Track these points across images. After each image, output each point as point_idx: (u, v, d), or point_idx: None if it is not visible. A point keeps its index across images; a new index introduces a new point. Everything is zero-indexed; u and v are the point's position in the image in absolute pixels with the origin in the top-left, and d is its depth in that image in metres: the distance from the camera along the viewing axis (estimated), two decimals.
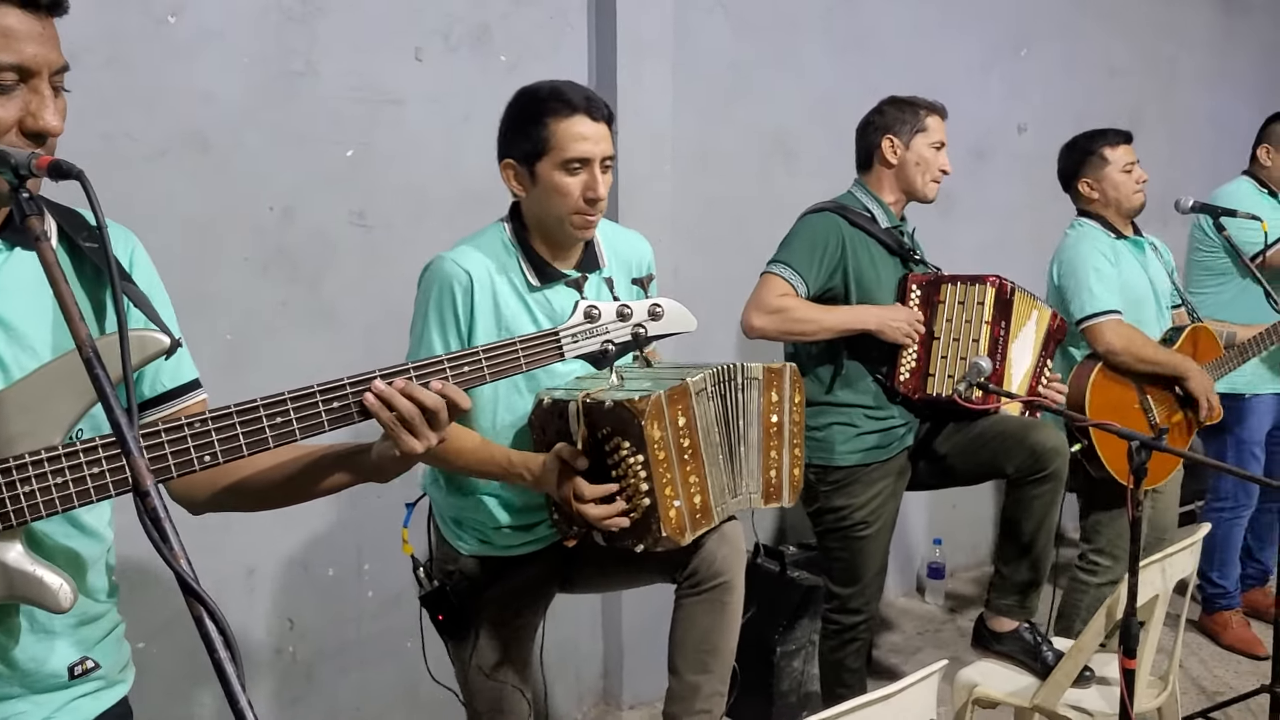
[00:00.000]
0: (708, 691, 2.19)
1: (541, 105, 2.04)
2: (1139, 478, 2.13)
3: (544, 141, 2.03)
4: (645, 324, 1.65)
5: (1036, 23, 4.82)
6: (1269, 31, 6.17)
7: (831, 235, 2.70)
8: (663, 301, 1.68)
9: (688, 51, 3.48)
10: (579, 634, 3.46)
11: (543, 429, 2.05)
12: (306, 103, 2.77)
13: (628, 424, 1.92)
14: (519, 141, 2.07)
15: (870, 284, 2.73)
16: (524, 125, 2.06)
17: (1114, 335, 3.02)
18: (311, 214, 2.80)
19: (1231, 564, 3.81)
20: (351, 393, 1.39)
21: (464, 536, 2.21)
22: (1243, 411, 3.59)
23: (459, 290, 2.04)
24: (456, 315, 2.04)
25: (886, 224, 2.79)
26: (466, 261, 2.06)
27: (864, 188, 2.85)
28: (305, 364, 2.77)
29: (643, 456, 1.93)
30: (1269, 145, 3.71)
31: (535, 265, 2.12)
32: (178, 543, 1.03)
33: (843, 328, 2.68)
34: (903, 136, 2.80)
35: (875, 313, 2.69)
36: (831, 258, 2.69)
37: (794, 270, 2.67)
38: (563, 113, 2.02)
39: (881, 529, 2.82)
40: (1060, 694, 2.43)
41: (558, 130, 2.02)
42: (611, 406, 1.92)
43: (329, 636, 2.94)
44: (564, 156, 2.02)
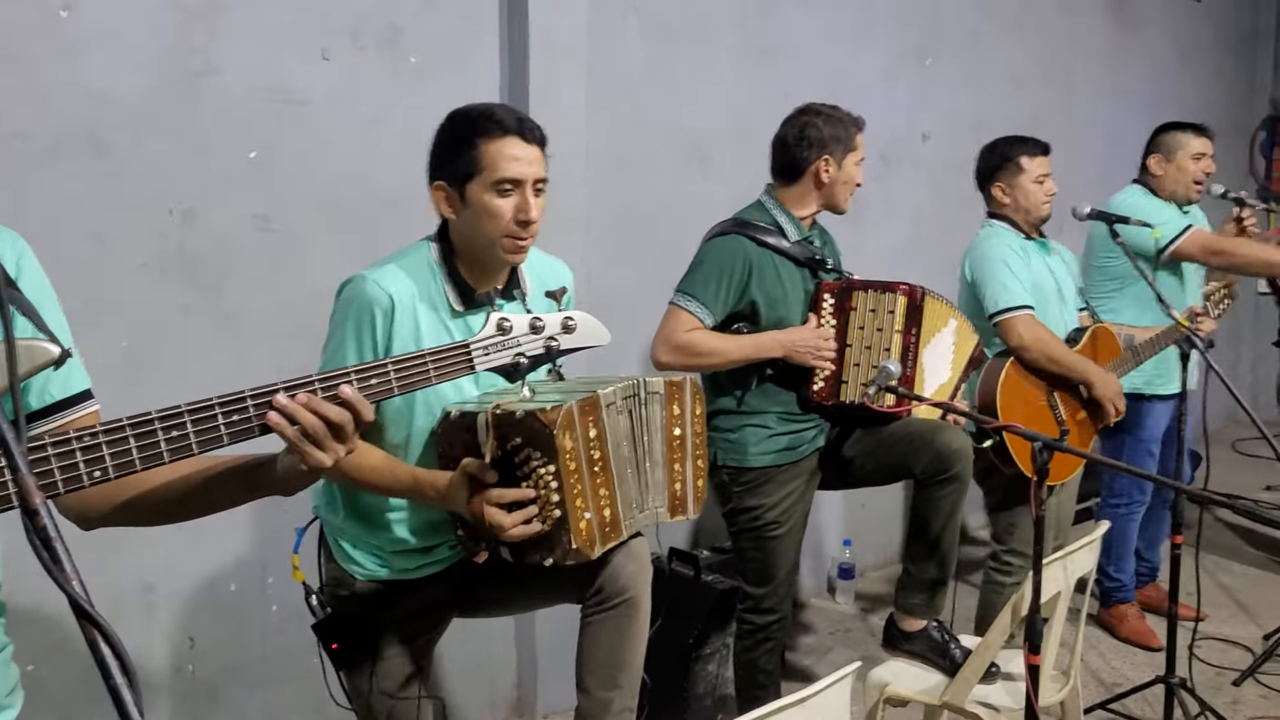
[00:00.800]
0: (618, 707, 2.18)
1: (473, 126, 2.01)
2: (1042, 478, 2.18)
3: (475, 162, 1.99)
4: (558, 337, 1.64)
5: (941, 32, 4.92)
6: (1158, 46, 6.42)
7: (737, 259, 2.70)
8: (576, 314, 1.66)
9: (601, 55, 3.47)
10: (492, 643, 3.42)
11: (449, 443, 2.01)
12: (207, 102, 2.69)
13: (539, 434, 1.90)
14: (450, 162, 2.03)
15: (778, 301, 2.74)
16: (455, 146, 2.02)
17: (1025, 330, 3.10)
18: (213, 217, 2.72)
19: (1127, 558, 3.94)
20: (253, 406, 1.35)
21: (359, 560, 2.16)
22: (1141, 412, 3.70)
23: (379, 313, 1.99)
24: (374, 338, 1.99)
25: (796, 237, 2.79)
26: (389, 283, 2.01)
27: (775, 200, 2.84)
28: (207, 373, 2.69)
29: (554, 467, 1.91)
30: (1159, 155, 3.83)
31: (459, 289, 2.08)
32: (69, 563, 0.98)
33: (749, 358, 2.70)
34: (837, 156, 2.79)
35: (780, 338, 2.71)
36: (738, 283, 2.70)
37: (700, 302, 2.67)
38: (495, 133, 1.99)
39: (793, 529, 2.85)
40: (968, 691, 2.48)
41: (489, 151, 1.99)
42: (522, 417, 1.90)
43: (232, 654, 2.85)
44: (495, 177, 1.99)
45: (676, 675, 3.26)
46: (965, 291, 3.29)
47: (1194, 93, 6.66)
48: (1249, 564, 4.75)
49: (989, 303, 3.15)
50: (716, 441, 2.81)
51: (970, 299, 3.24)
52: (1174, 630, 3.09)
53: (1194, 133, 3.77)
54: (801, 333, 2.72)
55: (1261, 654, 3.65)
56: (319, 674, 2.90)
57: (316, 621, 2.13)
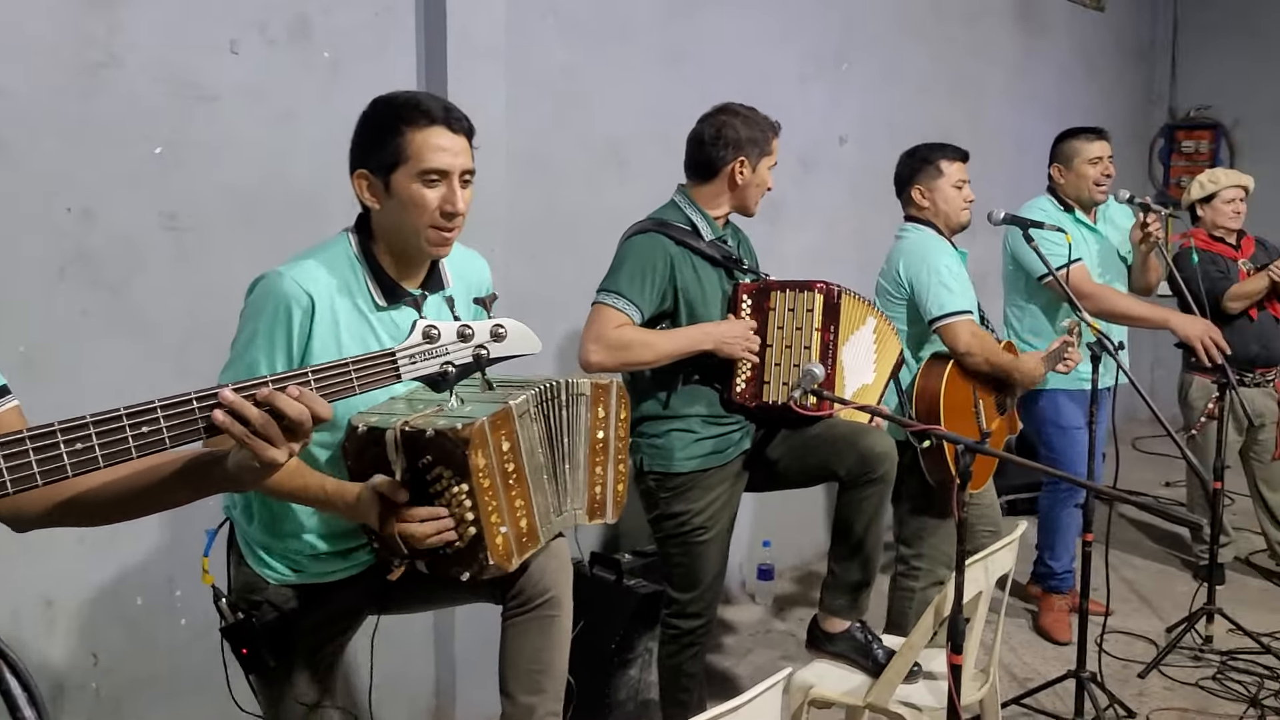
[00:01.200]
0: (542, 712, 2.14)
1: (399, 114, 1.95)
2: (965, 480, 2.21)
3: (400, 151, 1.93)
4: (487, 345, 1.60)
5: (856, 38, 4.98)
6: (1064, 54, 6.59)
7: (658, 256, 2.68)
8: (506, 322, 1.62)
9: (520, 55, 3.42)
10: (411, 652, 3.35)
11: (358, 456, 1.94)
12: (109, 96, 2.57)
13: (450, 454, 1.86)
14: (374, 151, 1.96)
15: (697, 300, 2.73)
16: (379, 135, 1.95)
17: (969, 336, 3.13)
18: (115, 216, 2.60)
19: (1062, 548, 4.01)
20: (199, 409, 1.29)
21: (272, 564, 2.09)
22: (1057, 401, 3.82)
23: (298, 313, 1.91)
24: (290, 339, 1.92)
25: (710, 236, 2.78)
26: (308, 281, 1.93)
27: (689, 199, 2.82)
28: (111, 378, 2.58)
29: (467, 486, 1.87)
30: (1059, 165, 3.94)
31: (381, 283, 2.02)
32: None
33: (681, 351, 2.67)
34: (752, 159, 2.77)
35: (710, 331, 2.69)
36: (661, 279, 2.68)
37: (626, 299, 2.63)
38: (421, 123, 1.94)
39: (719, 533, 2.84)
40: (891, 692, 2.50)
41: (415, 140, 1.93)
42: (433, 436, 1.85)
43: (138, 669, 2.73)
44: (421, 168, 1.93)
45: (598, 680, 3.23)
46: (893, 293, 3.31)
47: (1098, 101, 6.86)
48: (1150, 558, 4.89)
49: (932, 307, 3.16)
50: (642, 447, 2.78)
51: (895, 301, 3.26)
52: (1085, 625, 3.17)
53: (1088, 137, 3.88)
54: (731, 325, 2.71)
55: (1165, 647, 3.75)
56: (228, 685, 2.81)
57: (226, 625, 2.07)
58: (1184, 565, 4.78)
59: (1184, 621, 3.83)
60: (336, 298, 1.96)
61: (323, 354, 1.92)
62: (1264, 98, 7.16)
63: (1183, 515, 2.63)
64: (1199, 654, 3.73)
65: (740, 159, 2.77)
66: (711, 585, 2.87)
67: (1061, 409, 3.87)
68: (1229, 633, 3.84)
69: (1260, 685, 3.47)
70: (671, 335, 2.69)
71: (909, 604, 3.27)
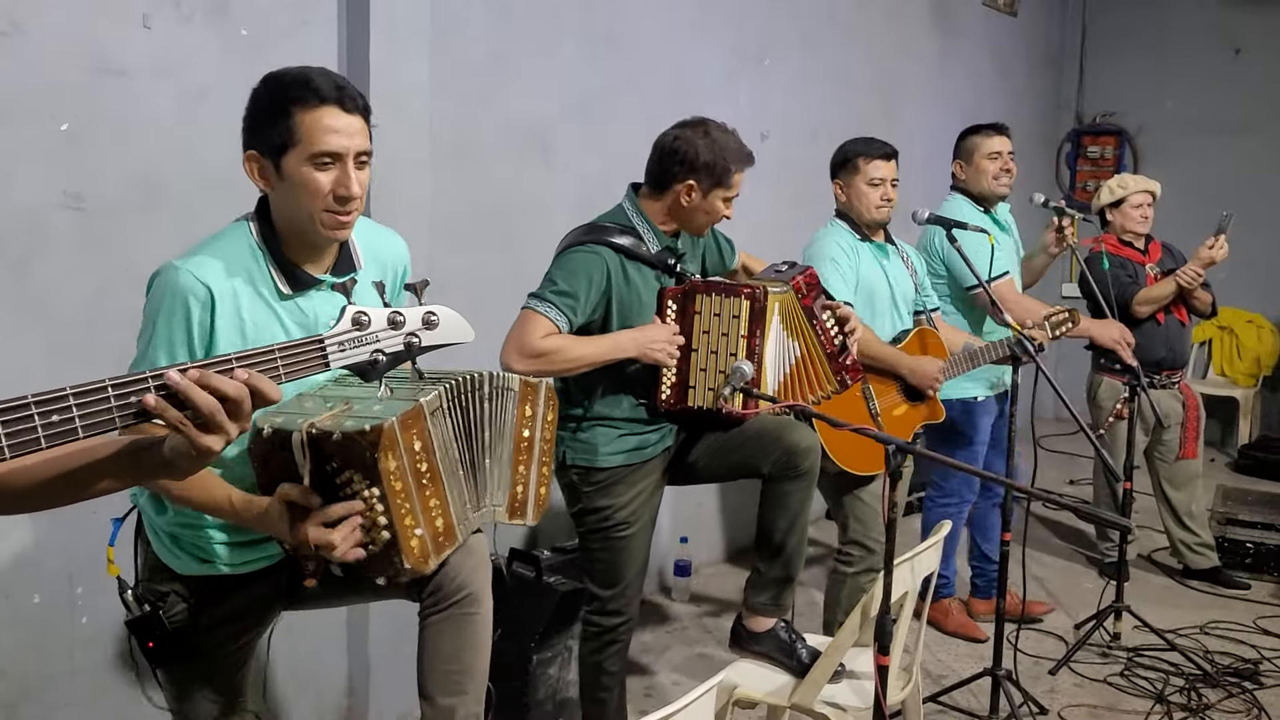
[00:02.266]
0: (463, 714, 2.09)
1: (287, 93, 1.84)
2: (895, 480, 2.20)
3: (290, 133, 1.83)
4: (419, 333, 1.54)
5: (779, 34, 4.98)
6: (977, 57, 6.70)
7: (596, 271, 2.61)
8: (439, 309, 1.57)
9: (445, 36, 3.34)
10: (321, 648, 3.25)
11: (264, 460, 1.86)
12: (11, 68, 2.43)
13: (359, 457, 1.79)
14: (263, 132, 1.86)
15: (632, 311, 2.67)
16: (269, 115, 1.85)
17: None
18: (16, 193, 2.46)
19: (952, 555, 4.07)
20: (114, 395, 1.21)
21: (180, 555, 2.01)
22: (970, 413, 3.84)
23: (196, 306, 1.83)
24: (190, 334, 1.83)
25: (656, 246, 2.72)
26: (205, 273, 1.84)
27: (637, 208, 2.74)
28: (10, 364, 2.45)
29: (378, 490, 1.81)
30: (960, 161, 3.98)
31: (285, 270, 1.93)
32: None
33: (604, 359, 2.62)
34: (703, 186, 2.66)
35: (633, 337, 2.64)
36: (596, 292, 2.61)
37: (558, 309, 2.56)
38: (311, 102, 1.83)
39: (642, 529, 2.81)
40: (817, 692, 2.49)
41: (305, 121, 1.82)
42: (340, 439, 1.79)
43: (35, 673, 2.60)
44: (312, 150, 1.83)
45: (516, 679, 3.18)
46: None
47: (1009, 104, 6.99)
48: (1057, 555, 5.02)
49: None
50: (566, 441, 2.74)
51: None
52: (1002, 624, 3.21)
53: (987, 133, 3.92)
54: (654, 330, 2.67)
55: (1074, 644, 3.84)
56: (132, 691, 2.69)
57: (131, 618, 1.98)
58: (1089, 562, 4.91)
59: (1093, 619, 3.92)
60: (238, 288, 1.88)
61: (227, 347, 1.84)
62: (1167, 105, 7.40)
63: (1110, 518, 2.67)
64: (1107, 651, 3.83)
65: (689, 183, 2.65)
66: (633, 582, 2.84)
67: (975, 419, 3.87)
68: (1135, 629, 3.94)
69: (1166, 681, 3.57)
70: (595, 342, 2.63)
71: (840, 590, 3.30)
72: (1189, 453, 4.46)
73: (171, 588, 2.01)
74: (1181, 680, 3.57)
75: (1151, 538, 4.96)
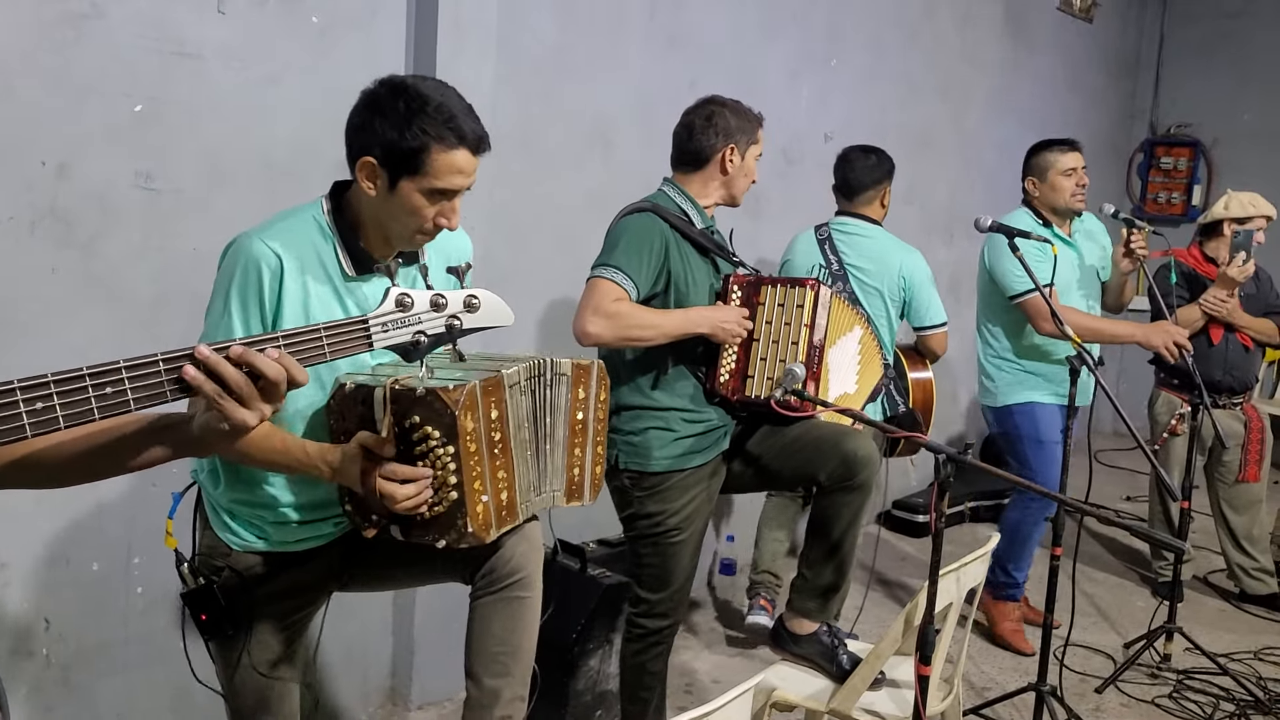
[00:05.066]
0: (508, 696, 2.11)
1: (428, 126, 1.85)
2: (944, 490, 2.18)
3: (421, 164, 1.86)
4: (460, 316, 1.57)
5: (846, 35, 4.95)
6: (1048, 65, 6.59)
7: (655, 236, 2.64)
8: (480, 293, 1.60)
9: (511, 32, 3.37)
10: (368, 631, 3.30)
11: (342, 415, 1.91)
12: (90, 48, 2.49)
13: (439, 414, 1.83)
14: (392, 149, 1.87)
15: (685, 287, 2.69)
16: (402, 137, 1.85)
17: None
18: (91, 172, 2.53)
19: (1025, 559, 4.00)
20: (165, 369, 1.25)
21: (237, 530, 2.05)
22: (1033, 415, 3.81)
23: (267, 274, 1.87)
24: (262, 300, 1.87)
25: (700, 225, 2.75)
26: (277, 243, 1.89)
27: (678, 188, 2.79)
28: (77, 338, 2.51)
29: (453, 448, 1.84)
30: (1033, 178, 3.92)
31: (353, 253, 1.97)
32: None
33: (679, 332, 2.62)
34: (741, 147, 2.76)
35: (707, 315, 2.65)
36: (657, 259, 2.63)
37: (624, 274, 2.57)
38: (449, 142, 1.86)
39: (693, 535, 2.80)
40: (856, 699, 2.48)
41: (439, 160, 1.86)
42: (423, 394, 1.82)
43: (91, 637, 2.67)
44: (434, 185, 1.88)
45: (557, 668, 3.20)
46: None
47: (1079, 113, 6.88)
48: (1110, 572, 4.93)
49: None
50: (618, 444, 2.73)
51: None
52: (1048, 638, 3.17)
53: (1061, 149, 3.85)
54: (726, 311, 2.68)
55: (1123, 662, 3.77)
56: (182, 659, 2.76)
57: (186, 590, 2.03)
58: (1142, 581, 4.82)
59: (1143, 638, 3.85)
60: (306, 264, 1.92)
61: (290, 320, 1.89)
62: (1244, 118, 7.22)
63: (1164, 539, 2.61)
64: (1156, 671, 3.75)
65: (730, 146, 2.75)
66: (682, 586, 2.84)
67: (1040, 422, 3.85)
68: (1186, 651, 3.86)
69: (1215, 706, 3.50)
70: (671, 315, 2.64)
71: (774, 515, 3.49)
72: (1250, 475, 4.34)
73: (227, 562, 2.05)
74: (1232, 706, 3.50)
75: (1209, 559, 4.86)
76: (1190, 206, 7.43)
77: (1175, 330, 3.81)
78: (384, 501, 1.84)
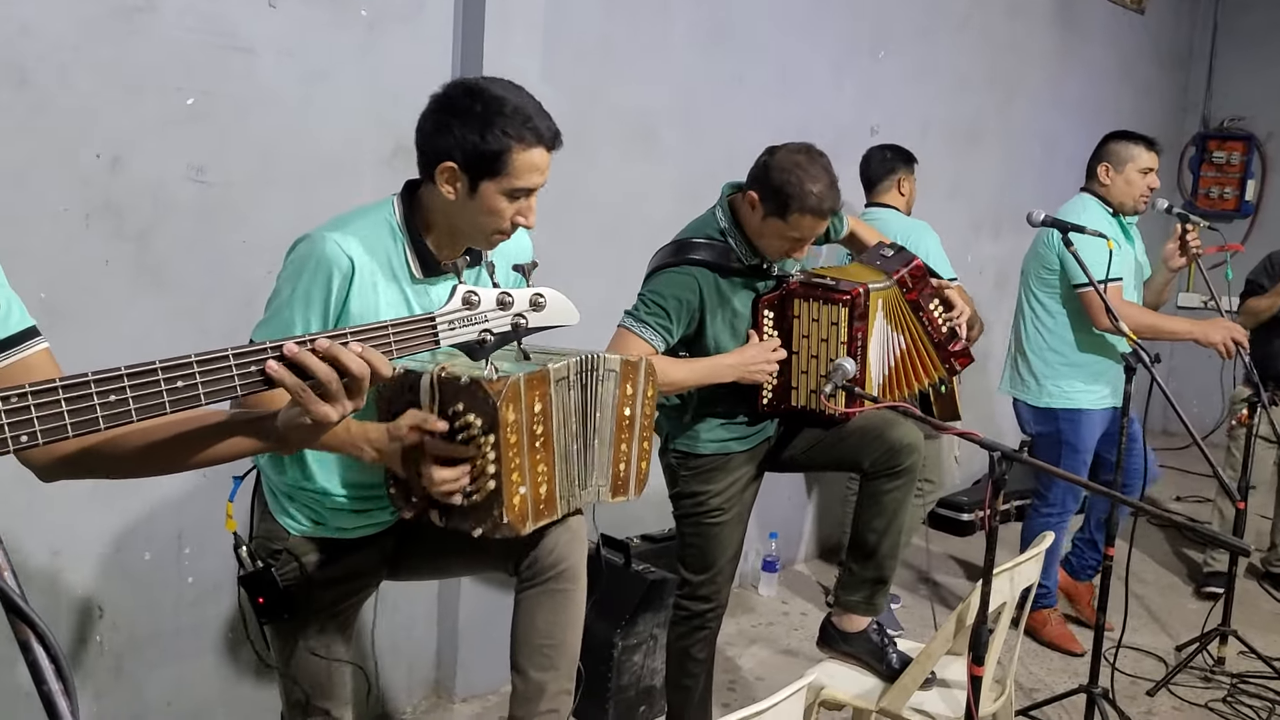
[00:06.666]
0: (554, 690, 2.11)
1: (508, 127, 1.88)
2: (998, 488, 2.15)
3: (502, 165, 1.89)
4: (526, 314, 1.57)
5: (893, 27, 4.89)
6: (1100, 56, 6.49)
7: (690, 292, 2.59)
8: (546, 291, 1.60)
9: (557, 25, 3.35)
10: (413, 624, 3.32)
11: (390, 400, 1.93)
12: (144, 42, 2.51)
13: (482, 403, 1.84)
14: (473, 153, 1.89)
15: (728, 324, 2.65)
16: (484, 139, 1.88)
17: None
18: (144, 165, 2.54)
19: (1054, 565, 3.97)
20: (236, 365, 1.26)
21: (294, 515, 2.08)
22: (1078, 423, 3.73)
23: (338, 276, 1.89)
24: (327, 302, 1.89)
25: (746, 252, 2.64)
26: (350, 246, 1.90)
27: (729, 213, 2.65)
28: (130, 329, 2.53)
29: (493, 438, 1.85)
30: (1108, 164, 3.76)
31: (421, 256, 1.99)
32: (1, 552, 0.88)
33: (701, 382, 2.63)
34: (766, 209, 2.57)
35: (730, 363, 2.62)
36: (690, 311, 2.61)
37: (653, 329, 2.56)
38: (529, 141, 1.90)
39: (735, 517, 2.80)
40: (906, 698, 2.45)
41: (519, 159, 1.90)
42: (467, 383, 1.83)
43: (143, 626, 2.70)
44: (515, 185, 1.91)
45: (601, 664, 3.20)
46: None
47: (1130, 105, 6.77)
48: (1159, 574, 4.85)
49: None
50: (665, 425, 2.76)
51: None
52: (1100, 640, 3.12)
53: (1144, 146, 3.72)
54: (752, 351, 2.65)
55: (1176, 666, 3.71)
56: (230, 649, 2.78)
57: (244, 574, 2.05)
58: (1191, 581, 4.73)
59: (1197, 640, 3.78)
60: (376, 265, 1.94)
61: (358, 319, 1.90)
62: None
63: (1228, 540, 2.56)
64: (1209, 675, 3.69)
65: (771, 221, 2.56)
66: (724, 569, 2.84)
67: (1082, 431, 3.77)
68: (1240, 655, 3.80)
69: (1271, 711, 3.44)
70: (693, 367, 2.62)
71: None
72: None
73: (284, 546, 2.08)
74: None
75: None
76: (1243, 201, 7.28)
77: (1233, 327, 3.71)
78: (424, 483, 1.85)
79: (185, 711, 2.80)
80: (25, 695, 2.39)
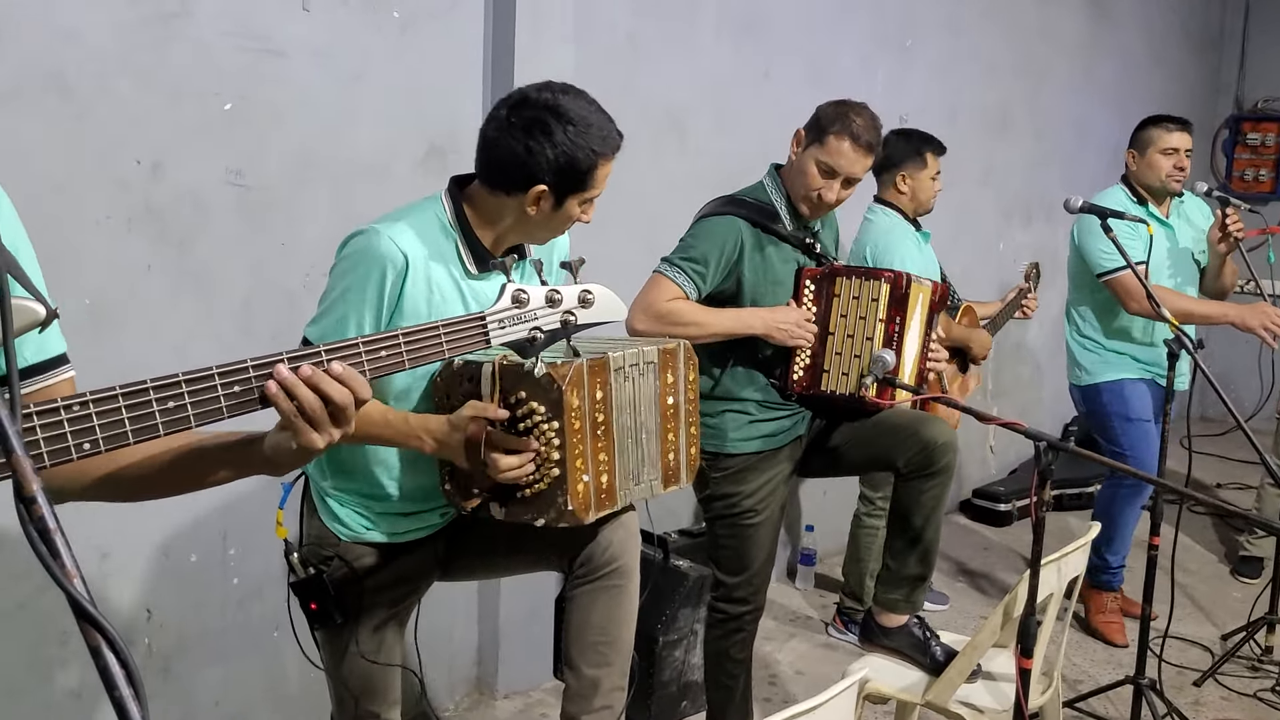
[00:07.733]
0: (608, 686, 2.11)
1: (595, 143, 1.93)
2: (1045, 478, 2.13)
3: (589, 180, 1.96)
4: (575, 311, 1.57)
5: (922, 16, 4.87)
6: (1130, 40, 6.42)
7: (729, 239, 2.61)
8: (594, 288, 1.59)
9: (587, 20, 3.35)
10: (454, 622, 3.33)
11: (448, 393, 1.93)
12: (181, 48, 2.52)
13: (546, 389, 1.84)
14: (564, 173, 1.92)
15: (762, 285, 2.65)
16: (575, 159, 1.91)
17: None
18: (183, 170, 2.56)
19: (1123, 541, 3.89)
20: (255, 376, 1.25)
21: (346, 520, 2.08)
22: (1122, 393, 3.73)
23: (392, 273, 1.88)
24: (382, 298, 1.89)
25: (793, 224, 2.69)
26: (404, 242, 1.90)
27: (777, 180, 2.73)
28: (173, 333, 2.55)
29: (558, 424, 1.85)
30: (1134, 150, 3.80)
31: (475, 252, 2.00)
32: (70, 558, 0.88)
33: (728, 331, 2.61)
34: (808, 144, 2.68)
35: (762, 316, 2.63)
36: (728, 261, 2.61)
37: (686, 274, 2.57)
38: (610, 154, 1.97)
39: (769, 518, 2.78)
40: (953, 691, 2.44)
41: (600, 171, 1.97)
42: (531, 369, 1.82)
43: (191, 627, 2.72)
44: (593, 194, 1.99)
45: (642, 660, 3.19)
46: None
47: (1162, 88, 6.69)
48: (1204, 563, 4.80)
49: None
50: None
51: None
52: (1146, 630, 3.09)
53: (1168, 126, 3.73)
54: (785, 312, 2.65)
55: (1222, 655, 3.67)
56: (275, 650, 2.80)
57: (296, 580, 2.06)
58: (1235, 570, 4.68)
59: (1243, 629, 3.74)
60: (431, 262, 1.94)
61: (412, 317, 1.90)
62: None
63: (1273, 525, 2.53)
64: (1257, 664, 3.64)
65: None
66: (760, 570, 2.82)
67: (1130, 400, 3.75)
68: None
69: None
70: (720, 315, 2.62)
71: (872, 541, 3.43)
72: None
73: (335, 552, 2.08)
74: None
75: None
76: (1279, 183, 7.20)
77: (1274, 311, 3.66)
78: (488, 472, 1.85)
79: (232, 711, 2.82)
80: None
